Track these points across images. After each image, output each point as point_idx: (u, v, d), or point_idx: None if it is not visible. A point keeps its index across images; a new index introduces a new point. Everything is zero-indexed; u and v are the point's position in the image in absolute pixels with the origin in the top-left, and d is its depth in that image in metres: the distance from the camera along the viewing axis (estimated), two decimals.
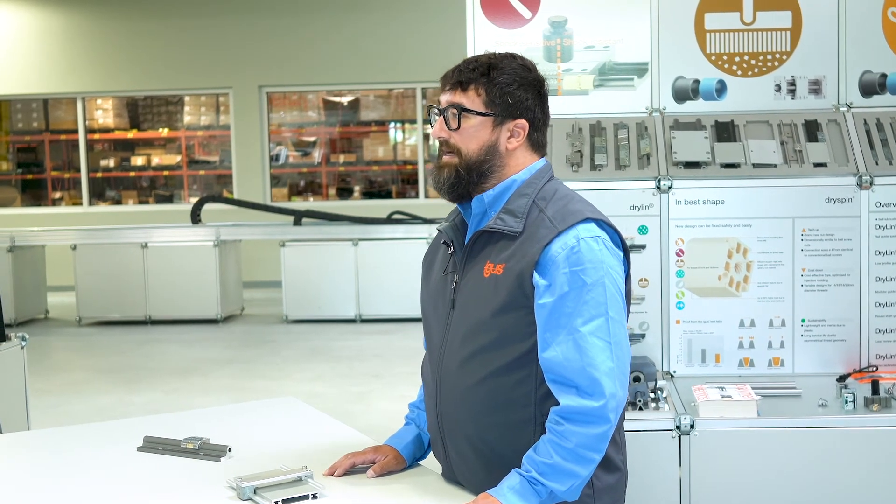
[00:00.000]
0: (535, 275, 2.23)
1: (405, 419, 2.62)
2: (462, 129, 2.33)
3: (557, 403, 2.22)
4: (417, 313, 9.46)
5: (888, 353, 3.72)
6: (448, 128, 2.34)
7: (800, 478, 3.23)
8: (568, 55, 3.98)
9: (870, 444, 3.22)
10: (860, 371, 3.67)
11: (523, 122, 2.34)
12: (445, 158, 2.36)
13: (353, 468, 2.47)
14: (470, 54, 3.96)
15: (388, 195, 14.01)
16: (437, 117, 2.38)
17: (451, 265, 2.41)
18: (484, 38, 3.98)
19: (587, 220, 2.27)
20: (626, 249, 2.35)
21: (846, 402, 3.30)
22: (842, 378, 3.56)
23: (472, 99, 2.33)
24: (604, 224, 2.30)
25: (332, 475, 2.44)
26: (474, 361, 2.30)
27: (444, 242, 2.44)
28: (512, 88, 2.32)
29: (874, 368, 3.67)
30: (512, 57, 2.37)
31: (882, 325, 3.71)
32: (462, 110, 2.32)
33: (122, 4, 13.51)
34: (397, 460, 2.49)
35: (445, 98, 2.36)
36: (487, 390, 2.29)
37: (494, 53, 2.39)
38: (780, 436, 3.23)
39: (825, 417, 3.26)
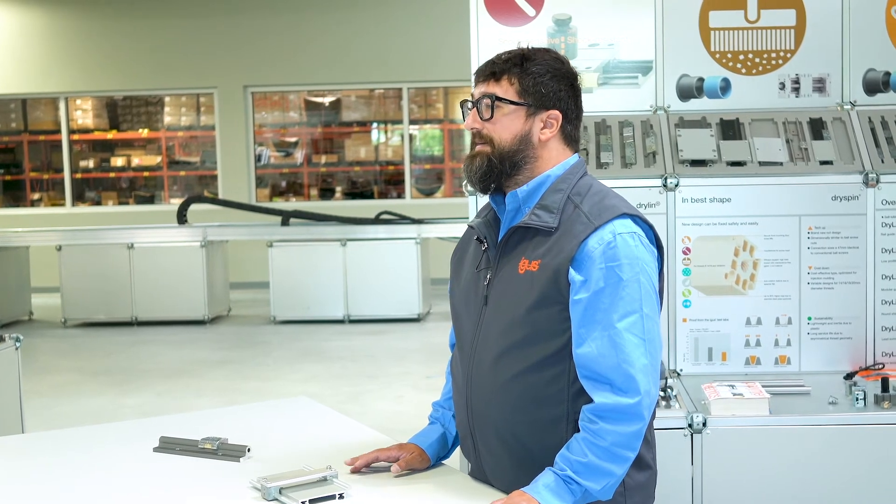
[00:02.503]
0: (571, 270, 2.22)
1: (429, 418, 2.60)
2: (495, 119, 2.33)
3: (590, 401, 2.21)
4: (406, 313, 9.44)
5: (894, 351, 3.73)
6: (481, 118, 2.34)
7: (812, 475, 3.23)
8: (572, 53, 3.97)
9: (881, 441, 3.23)
10: (867, 369, 3.68)
11: (556, 113, 2.34)
12: (478, 148, 2.35)
13: (376, 461, 2.45)
14: (473, 53, 3.95)
15: (370, 196, 13.98)
16: (469, 110, 2.37)
17: (485, 261, 2.39)
18: (488, 36, 3.96)
19: (623, 215, 2.27)
20: (659, 246, 2.34)
21: (857, 399, 3.31)
22: (849, 376, 3.57)
23: (505, 89, 2.33)
24: (639, 220, 2.29)
25: (352, 465, 2.43)
26: (507, 358, 2.29)
27: (477, 238, 2.43)
28: (545, 79, 2.32)
29: (881, 366, 3.68)
30: (545, 50, 2.38)
31: (888, 322, 3.72)
32: (496, 99, 2.32)
33: (106, 4, 13.42)
34: (422, 458, 2.47)
35: (479, 90, 2.36)
36: (520, 387, 2.28)
37: (528, 47, 2.39)
38: (792, 433, 3.23)
39: (836, 415, 3.26)
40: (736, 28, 3.93)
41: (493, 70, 2.35)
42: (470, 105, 2.37)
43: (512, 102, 2.32)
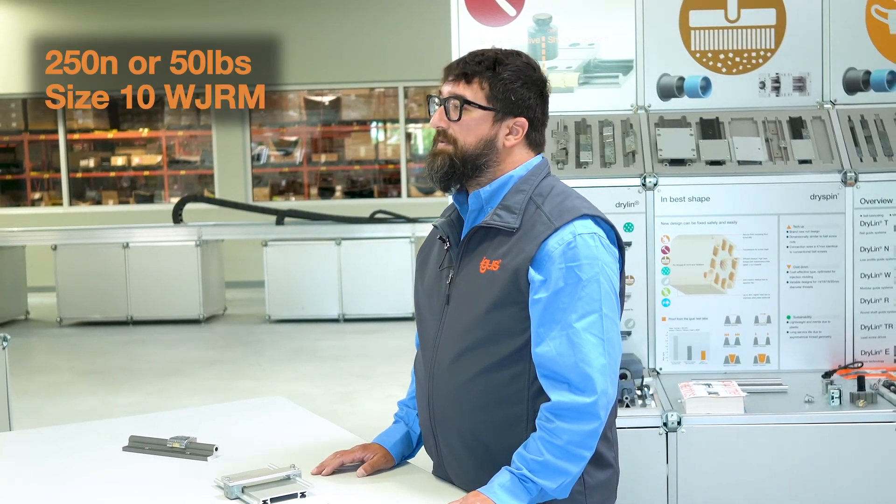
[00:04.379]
0: (531, 270, 2.23)
1: (394, 417, 2.61)
2: (462, 121, 2.33)
3: (549, 400, 2.21)
4: (401, 312, 9.42)
5: (873, 350, 3.73)
6: (448, 118, 2.34)
7: (787, 474, 3.24)
8: (553, 53, 3.97)
9: (856, 439, 3.23)
10: (846, 367, 3.68)
11: (523, 121, 2.34)
12: (441, 146, 2.35)
13: (341, 467, 2.45)
14: (454, 52, 3.96)
15: (370, 195, 13.98)
16: (436, 107, 2.37)
17: (447, 260, 2.40)
18: (469, 35, 3.97)
19: (584, 216, 2.27)
20: (621, 247, 2.34)
21: (832, 398, 3.31)
22: (827, 374, 3.57)
23: (475, 92, 2.32)
24: (600, 221, 2.30)
25: (319, 474, 2.43)
26: (467, 357, 2.29)
27: (440, 238, 2.43)
28: (516, 86, 2.32)
29: (859, 365, 3.68)
30: (518, 54, 2.37)
31: (867, 321, 3.72)
32: (464, 102, 2.32)
33: (104, 4, 13.42)
34: (386, 458, 2.48)
35: (448, 89, 2.35)
36: (480, 386, 2.28)
37: (501, 49, 2.38)
38: (767, 432, 3.24)
39: (811, 413, 3.27)
40: (716, 27, 3.93)
41: (464, 71, 2.34)
42: (437, 102, 2.37)
43: (481, 107, 2.32)
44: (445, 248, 2.41)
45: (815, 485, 3.23)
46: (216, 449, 2.61)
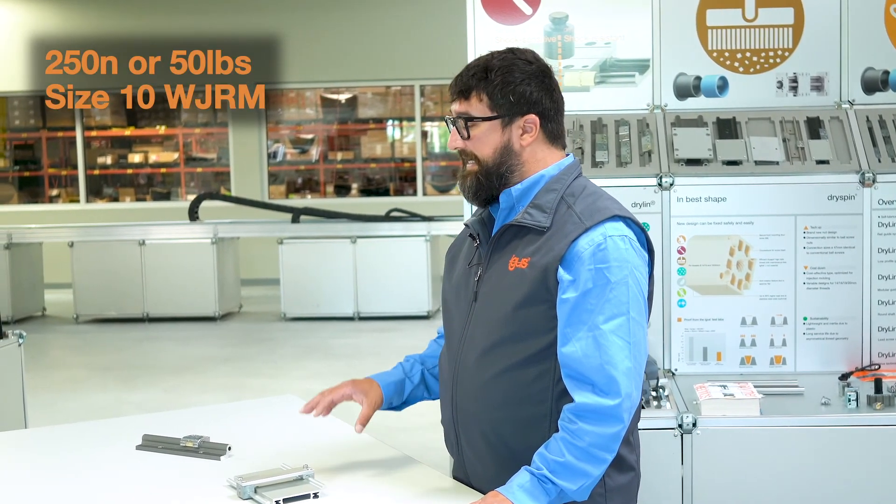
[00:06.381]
0: (560, 270, 2.22)
1: (396, 364, 2.62)
2: (473, 137, 2.33)
3: (573, 401, 2.20)
4: (416, 311, 9.42)
5: (890, 352, 3.70)
6: (462, 138, 2.34)
7: (802, 476, 3.21)
8: (569, 52, 3.95)
9: (872, 442, 3.21)
10: (862, 369, 3.66)
11: (532, 117, 2.33)
12: (468, 167, 2.36)
13: (332, 405, 2.50)
14: (470, 51, 3.95)
15: (385, 193, 13.98)
16: (451, 129, 2.38)
17: (476, 258, 2.40)
18: (484, 34, 3.95)
19: (615, 217, 2.26)
20: (650, 250, 2.33)
21: (849, 400, 3.29)
22: (844, 376, 3.54)
23: (475, 106, 2.32)
24: (631, 223, 2.29)
25: (310, 413, 2.48)
26: (493, 354, 2.29)
27: (471, 235, 2.44)
28: (513, 86, 2.30)
29: (876, 367, 3.65)
30: (510, 52, 2.35)
31: (884, 323, 3.69)
32: (468, 119, 2.32)
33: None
34: (377, 395, 2.50)
35: (454, 108, 2.36)
36: (505, 384, 2.28)
37: (492, 53, 2.37)
38: (783, 434, 3.21)
39: (828, 416, 3.24)
40: (733, 26, 3.91)
41: (461, 88, 2.34)
42: (449, 124, 2.38)
43: (483, 119, 2.32)
44: (475, 245, 2.42)
45: (831, 487, 3.20)
46: (229, 448, 2.61)
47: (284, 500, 2.23)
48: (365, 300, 10.39)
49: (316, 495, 2.26)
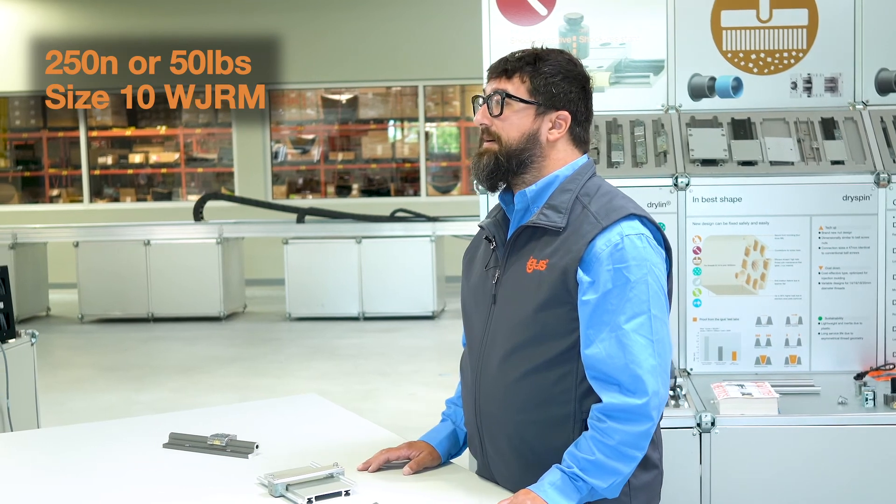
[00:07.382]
0: (580, 271, 2.23)
1: (441, 415, 2.61)
2: (504, 116, 2.34)
3: (598, 400, 2.22)
4: (421, 311, 9.40)
5: None
6: (491, 114, 2.36)
7: (820, 475, 3.23)
8: (584, 52, 3.97)
9: (890, 441, 3.23)
10: (877, 369, 3.67)
11: (565, 114, 2.35)
12: (486, 145, 2.37)
13: (387, 464, 2.46)
14: (485, 51, 3.96)
15: (386, 193, 13.99)
16: (480, 106, 2.39)
17: (493, 260, 2.41)
18: (500, 35, 3.96)
19: (631, 216, 2.28)
20: (668, 247, 2.35)
21: (866, 399, 3.31)
22: (859, 376, 3.56)
23: (516, 86, 2.34)
24: (647, 221, 2.30)
25: (366, 470, 2.44)
26: (515, 357, 2.30)
27: (486, 238, 2.44)
28: (556, 79, 2.33)
29: (891, 366, 3.67)
30: (559, 52, 2.40)
31: None
32: (506, 96, 2.34)
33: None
34: (432, 456, 2.48)
35: (490, 86, 2.38)
36: (527, 386, 2.29)
37: (542, 47, 2.40)
38: (801, 433, 3.23)
39: (845, 415, 3.26)
40: (748, 27, 3.92)
41: (505, 67, 2.37)
42: (481, 101, 2.40)
43: (522, 100, 2.33)
44: (492, 247, 2.42)
45: (848, 486, 3.22)
46: (256, 446, 2.62)
47: (316, 497, 2.24)
48: (370, 300, 10.40)
49: (347, 493, 2.27)
